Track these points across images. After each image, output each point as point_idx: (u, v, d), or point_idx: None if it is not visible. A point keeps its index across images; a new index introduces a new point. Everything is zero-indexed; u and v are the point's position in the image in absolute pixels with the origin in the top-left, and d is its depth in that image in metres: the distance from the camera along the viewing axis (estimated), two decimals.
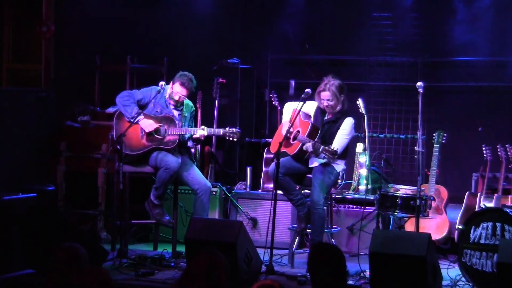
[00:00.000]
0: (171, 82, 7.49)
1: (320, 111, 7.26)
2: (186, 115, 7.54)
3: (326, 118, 7.24)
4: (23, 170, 8.42)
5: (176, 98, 7.43)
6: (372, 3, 9.40)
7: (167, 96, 7.47)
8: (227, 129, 7.39)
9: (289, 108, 7.44)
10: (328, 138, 7.10)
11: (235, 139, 7.40)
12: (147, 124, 7.32)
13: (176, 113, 7.49)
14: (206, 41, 9.77)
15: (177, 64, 9.24)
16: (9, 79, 10.18)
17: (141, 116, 7.30)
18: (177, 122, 7.38)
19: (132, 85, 9.08)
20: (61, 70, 9.29)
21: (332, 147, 6.82)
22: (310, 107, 7.23)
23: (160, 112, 7.41)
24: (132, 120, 7.25)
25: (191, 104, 7.64)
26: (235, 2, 10.00)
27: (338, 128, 7.13)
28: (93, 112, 8.96)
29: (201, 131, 7.33)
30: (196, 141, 7.54)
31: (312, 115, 7.25)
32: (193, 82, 7.44)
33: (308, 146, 6.92)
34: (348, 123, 7.15)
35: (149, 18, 9.77)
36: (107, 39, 9.47)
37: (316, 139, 7.01)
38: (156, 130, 7.35)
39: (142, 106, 7.43)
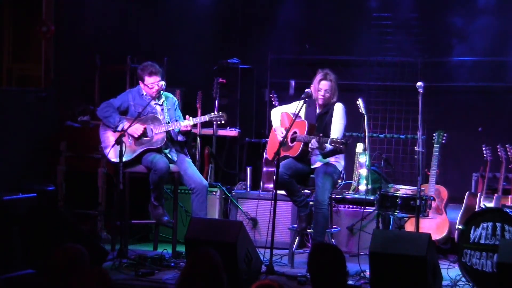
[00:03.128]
0: (139, 80, 7.42)
1: (311, 108, 7.24)
2: (169, 107, 7.49)
3: (318, 112, 7.24)
4: (23, 170, 8.41)
5: (155, 89, 7.35)
6: (372, 3, 9.40)
7: (145, 94, 7.41)
8: (212, 114, 7.38)
9: (277, 113, 7.44)
10: (323, 130, 7.09)
11: (222, 122, 7.36)
12: (134, 129, 7.26)
13: (159, 108, 7.44)
14: (206, 41, 9.77)
15: (177, 64, 9.26)
16: (9, 79, 10.18)
17: (125, 123, 7.23)
18: (161, 118, 7.33)
19: (132, 85, 9.07)
20: (61, 70, 9.29)
21: (336, 138, 6.81)
22: (296, 107, 7.09)
23: (142, 112, 7.31)
24: (118, 129, 7.21)
25: (171, 95, 7.58)
26: (235, 2, 9.99)
27: (331, 116, 7.14)
28: (93, 112, 8.95)
29: (187, 122, 7.28)
30: (186, 134, 7.43)
31: (303, 115, 7.23)
32: (156, 65, 7.40)
33: (313, 142, 6.90)
34: (339, 109, 7.17)
35: (149, 18, 9.76)
36: (107, 39, 9.47)
37: (316, 134, 7.00)
38: (143, 133, 7.31)
39: (124, 112, 7.40)
